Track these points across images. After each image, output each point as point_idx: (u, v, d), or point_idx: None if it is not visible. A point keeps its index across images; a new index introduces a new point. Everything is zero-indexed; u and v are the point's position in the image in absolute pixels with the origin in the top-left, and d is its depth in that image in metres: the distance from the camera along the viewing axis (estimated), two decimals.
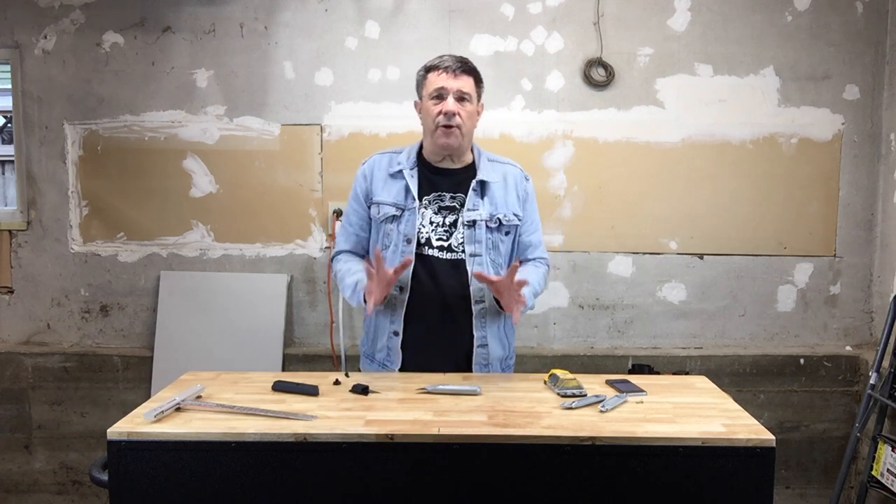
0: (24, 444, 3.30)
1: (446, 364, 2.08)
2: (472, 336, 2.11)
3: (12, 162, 3.37)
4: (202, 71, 3.23)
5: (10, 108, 3.28)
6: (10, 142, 3.41)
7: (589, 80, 3.21)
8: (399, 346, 2.11)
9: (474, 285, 2.08)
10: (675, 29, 3.20)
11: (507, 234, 2.16)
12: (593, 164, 3.24)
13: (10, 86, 3.26)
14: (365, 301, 2.00)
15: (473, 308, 2.09)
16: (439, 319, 2.09)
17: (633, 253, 3.28)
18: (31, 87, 3.24)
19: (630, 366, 3.20)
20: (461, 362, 2.13)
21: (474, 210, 2.11)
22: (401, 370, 2.12)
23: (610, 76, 3.20)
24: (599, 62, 3.20)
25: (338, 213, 3.19)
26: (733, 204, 3.26)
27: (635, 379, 1.97)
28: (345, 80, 3.22)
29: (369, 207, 2.18)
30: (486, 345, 2.12)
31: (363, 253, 2.23)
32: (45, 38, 3.21)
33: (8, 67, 3.25)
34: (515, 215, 2.16)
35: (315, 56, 3.22)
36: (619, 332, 3.32)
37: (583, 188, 3.25)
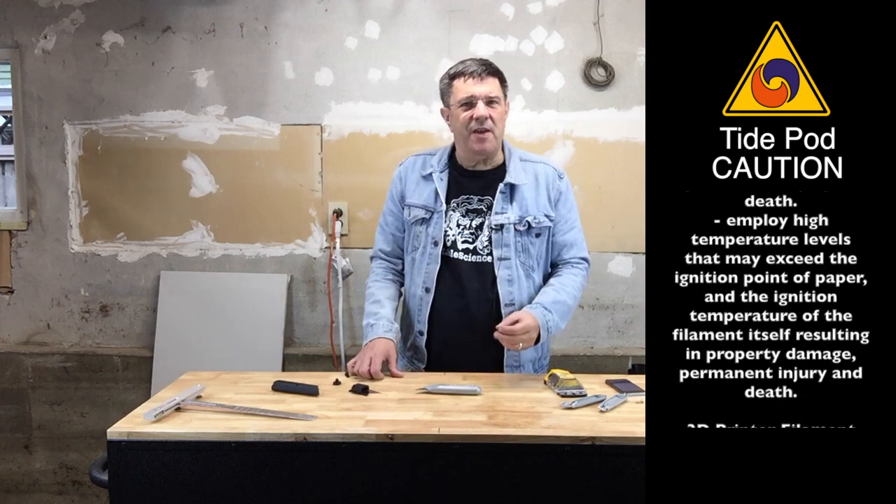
0: (24, 444, 3.30)
1: (473, 366, 2.07)
2: None
3: (12, 162, 3.37)
4: (202, 71, 3.23)
5: (10, 108, 3.28)
6: (10, 142, 3.40)
7: (589, 80, 3.21)
8: (424, 345, 2.13)
9: (503, 289, 2.07)
10: None
11: (537, 236, 2.13)
12: (593, 164, 3.24)
13: (10, 86, 3.25)
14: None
15: (503, 311, 2.07)
16: (463, 322, 2.09)
17: (633, 253, 3.28)
18: (31, 87, 3.23)
19: (630, 366, 3.19)
20: (489, 365, 2.10)
21: (502, 213, 2.09)
22: (427, 370, 2.13)
23: (610, 76, 3.20)
24: (599, 62, 3.20)
25: (338, 213, 3.19)
26: None
27: (635, 379, 1.97)
28: (345, 80, 3.22)
29: (403, 209, 2.21)
30: None
31: (401, 252, 2.26)
32: (45, 38, 3.21)
33: (8, 67, 3.25)
34: (546, 216, 2.13)
35: (315, 56, 3.22)
36: (619, 332, 3.32)
37: (583, 188, 3.24)
